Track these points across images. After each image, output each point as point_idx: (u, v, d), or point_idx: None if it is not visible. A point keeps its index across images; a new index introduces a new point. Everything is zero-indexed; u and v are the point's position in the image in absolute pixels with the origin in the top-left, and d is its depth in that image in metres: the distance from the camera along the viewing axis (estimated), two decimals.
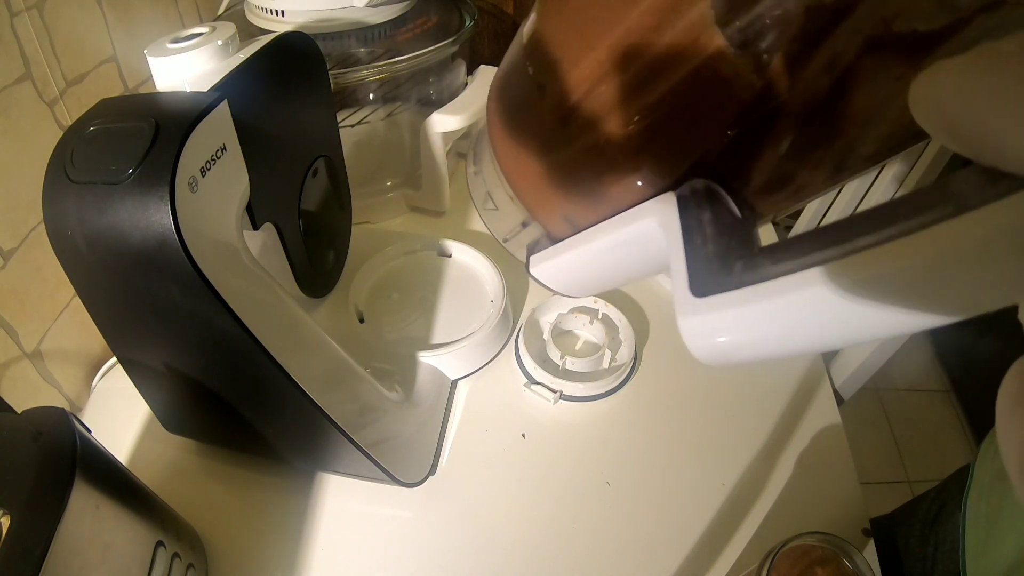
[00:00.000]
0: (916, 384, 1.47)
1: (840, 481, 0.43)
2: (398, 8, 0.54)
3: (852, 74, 0.16)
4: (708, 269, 0.16)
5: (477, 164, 0.25)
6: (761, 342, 0.15)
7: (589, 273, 0.23)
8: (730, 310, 0.15)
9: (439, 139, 0.57)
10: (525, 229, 0.24)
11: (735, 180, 0.18)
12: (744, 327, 0.15)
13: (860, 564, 0.31)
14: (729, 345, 0.15)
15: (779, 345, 0.14)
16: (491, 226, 0.25)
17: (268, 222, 0.39)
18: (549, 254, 0.23)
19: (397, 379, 0.45)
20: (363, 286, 0.52)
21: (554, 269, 0.23)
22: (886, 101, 0.16)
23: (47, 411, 0.28)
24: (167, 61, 0.32)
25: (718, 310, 0.15)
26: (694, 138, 0.18)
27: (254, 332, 0.29)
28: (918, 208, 0.12)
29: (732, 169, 0.18)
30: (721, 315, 0.15)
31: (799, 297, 0.13)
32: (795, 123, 0.17)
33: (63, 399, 0.46)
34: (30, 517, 0.24)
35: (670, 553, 0.39)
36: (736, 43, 0.16)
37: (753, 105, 0.17)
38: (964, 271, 0.11)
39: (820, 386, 0.49)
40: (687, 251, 0.17)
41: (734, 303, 0.15)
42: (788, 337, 0.14)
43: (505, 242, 0.25)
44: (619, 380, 0.47)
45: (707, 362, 0.16)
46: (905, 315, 0.12)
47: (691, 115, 0.18)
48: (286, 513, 0.41)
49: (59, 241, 0.27)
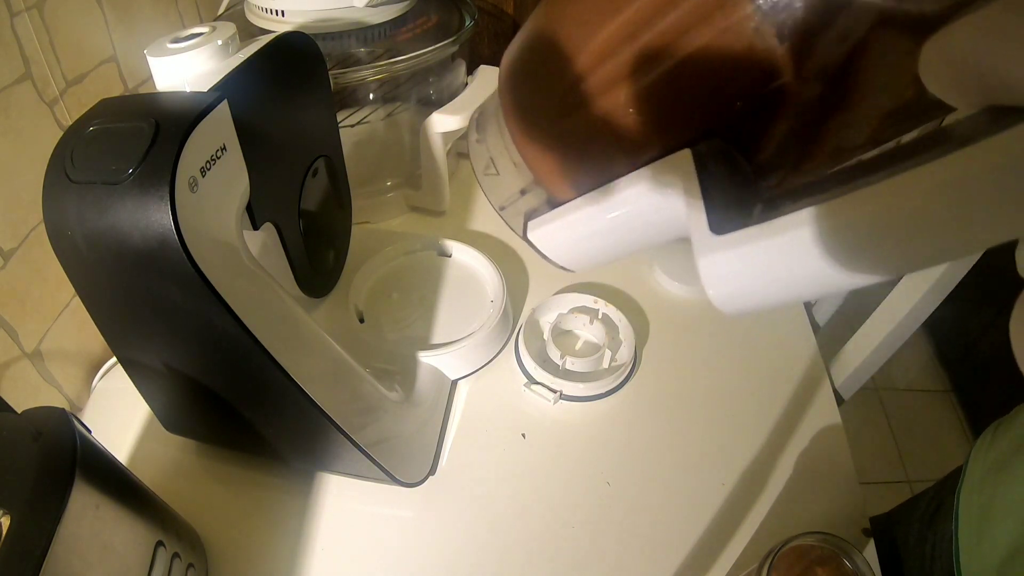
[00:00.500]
0: (916, 384, 1.47)
1: (840, 481, 0.43)
2: (398, 8, 0.54)
3: (862, 47, 0.16)
4: (726, 212, 0.16)
5: (480, 132, 0.24)
6: (777, 278, 0.14)
7: (593, 239, 0.22)
8: (748, 245, 0.14)
9: (439, 139, 0.57)
10: (524, 196, 0.24)
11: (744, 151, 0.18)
12: (764, 261, 0.14)
13: (860, 564, 0.31)
14: (748, 283, 0.15)
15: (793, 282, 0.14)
16: (490, 193, 0.24)
17: (268, 222, 0.39)
18: (551, 217, 0.22)
19: (397, 379, 0.45)
20: (363, 286, 0.52)
21: (556, 234, 0.23)
22: (893, 75, 0.16)
23: (47, 411, 0.28)
24: (167, 61, 0.32)
25: (737, 245, 0.15)
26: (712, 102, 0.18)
27: (254, 332, 0.29)
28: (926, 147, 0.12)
29: (742, 140, 0.18)
30: (740, 251, 0.15)
31: (813, 229, 0.13)
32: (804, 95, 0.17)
33: (63, 399, 0.46)
34: (30, 517, 0.24)
35: (670, 553, 0.39)
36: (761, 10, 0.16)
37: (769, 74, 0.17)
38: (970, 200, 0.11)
39: (820, 386, 0.49)
40: (705, 196, 0.17)
41: (752, 238, 0.14)
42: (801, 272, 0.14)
43: (502, 210, 0.25)
44: (619, 380, 0.47)
45: (723, 305, 0.15)
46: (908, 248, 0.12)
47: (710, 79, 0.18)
48: (286, 513, 0.41)
49: (59, 241, 0.27)
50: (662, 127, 0.19)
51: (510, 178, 0.23)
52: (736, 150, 0.18)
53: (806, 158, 0.19)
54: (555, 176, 0.22)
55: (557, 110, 0.21)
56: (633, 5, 0.18)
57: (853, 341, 0.52)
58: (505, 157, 0.23)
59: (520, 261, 0.59)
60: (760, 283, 0.15)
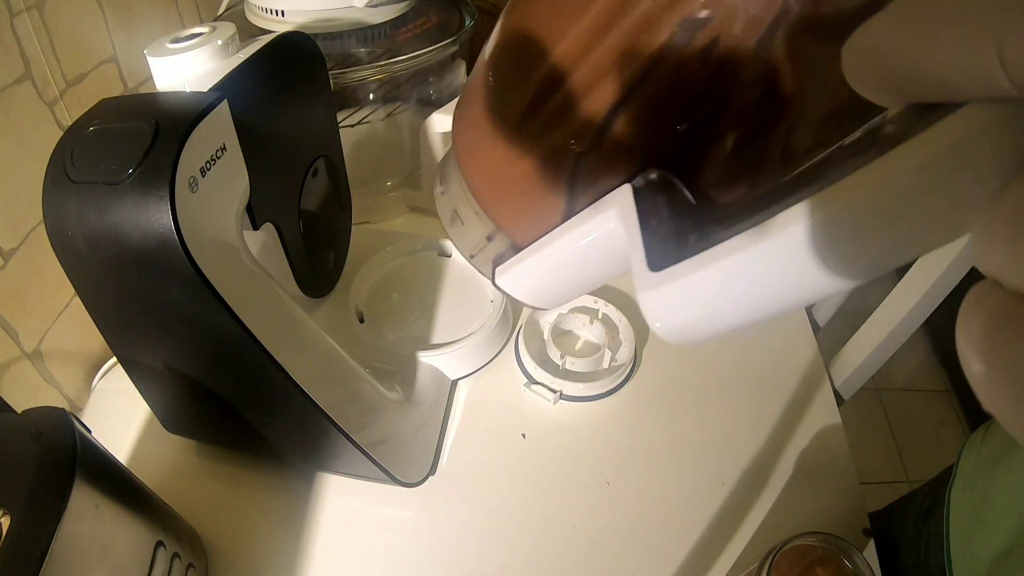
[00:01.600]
0: (916, 384, 1.47)
1: (840, 481, 0.43)
2: (398, 8, 0.54)
3: (789, 57, 0.16)
4: (664, 246, 0.16)
5: (444, 184, 0.26)
6: (717, 306, 0.14)
7: (553, 278, 0.23)
8: (685, 277, 0.15)
9: (439, 139, 0.57)
10: (490, 243, 0.24)
11: (689, 173, 0.19)
12: (700, 292, 0.14)
13: (860, 564, 0.31)
14: (689, 315, 0.15)
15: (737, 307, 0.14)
16: (458, 243, 0.25)
17: (268, 222, 0.39)
18: (513, 262, 0.23)
19: (397, 379, 0.45)
20: (363, 286, 0.52)
21: (519, 276, 0.23)
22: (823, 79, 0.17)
23: (47, 411, 0.28)
24: (167, 61, 0.32)
25: (674, 279, 0.15)
26: (646, 134, 0.18)
27: (254, 332, 0.29)
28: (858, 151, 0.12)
29: (684, 162, 0.18)
30: (677, 284, 0.15)
31: (747, 254, 0.13)
32: (740, 110, 0.17)
33: (63, 399, 0.46)
34: (30, 517, 0.24)
35: (670, 553, 0.39)
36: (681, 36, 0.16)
37: (700, 96, 0.17)
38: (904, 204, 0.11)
39: (820, 386, 0.49)
40: (643, 231, 0.17)
41: (687, 270, 0.15)
42: (744, 296, 0.14)
43: (472, 258, 0.26)
44: (619, 380, 0.47)
45: (671, 338, 0.16)
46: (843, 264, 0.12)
47: (643, 111, 0.18)
48: (286, 513, 0.41)
49: (59, 241, 0.27)
50: (604, 164, 0.19)
51: (474, 227, 0.24)
52: (679, 178, 0.19)
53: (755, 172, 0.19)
54: (511, 221, 0.23)
55: (503, 158, 0.22)
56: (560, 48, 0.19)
57: (853, 341, 0.52)
58: (467, 207, 0.24)
59: None
60: (698, 315, 0.15)
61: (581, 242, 0.20)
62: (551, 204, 0.21)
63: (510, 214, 0.23)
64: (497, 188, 0.23)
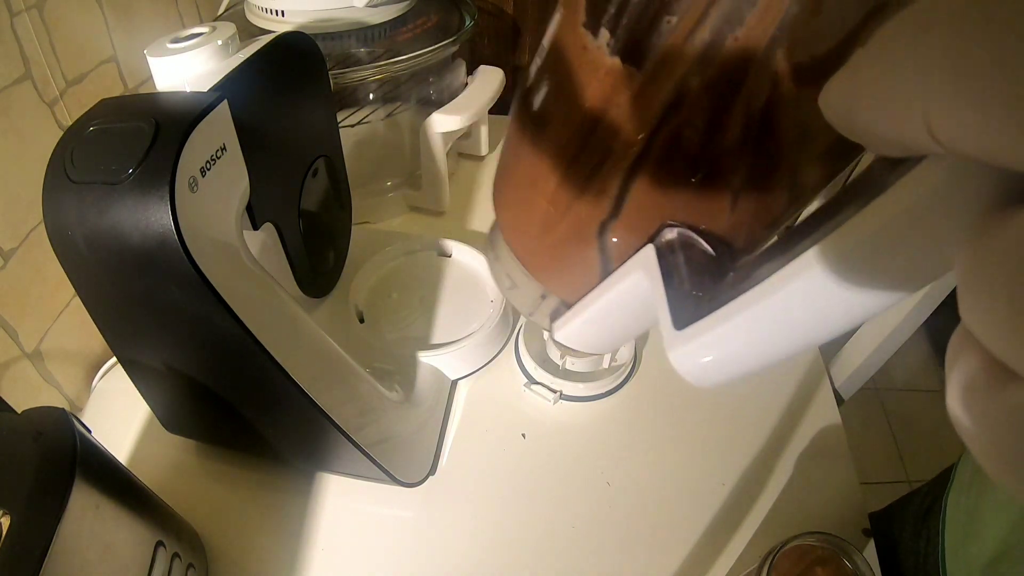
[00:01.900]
0: (916, 384, 1.47)
1: (840, 481, 0.43)
2: (398, 8, 0.54)
3: (773, 106, 0.17)
4: (685, 305, 0.18)
5: (495, 251, 0.28)
6: (737, 356, 0.16)
7: (603, 330, 0.25)
8: (705, 335, 0.16)
9: (439, 139, 0.57)
10: (545, 300, 0.27)
11: (704, 223, 0.20)
12: (719, 346, 0.16)
13: (860, 564, 0.31)
14: (713, 366, 0.17)
15: (754, 354, 0.16)
16: (515, 303, 0.28)
17: (268, 222, 0.39)
18: (566, 319, 0.26)
19: (397, 379, 0.45)
20: (363, 286, 0.52)
21: (573, 331, 0.26)
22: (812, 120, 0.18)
23: (47, 411, 0.28)
24: (167, 61, 0.32)
25: (695, 337, 0.17)
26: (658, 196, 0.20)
27: (254, 332, 0.29)
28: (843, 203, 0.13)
29: (697, 215, 0.20)
30: (699, 341, 0.17)
31: (756, 309, 0.15)
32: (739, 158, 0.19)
33: (63, 399, 0.46)
34: (30, 517, 0.24)
35: (670, 553, 0.39)
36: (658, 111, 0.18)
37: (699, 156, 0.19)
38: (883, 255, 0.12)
39: (820, 386, 0.49)
40: (667, 292, 0.19)
41: (706, 328, 0.16)
42: (759, 345, 0.15)
43: (530, 316, 0.28)
44: (619, 380, 0.47)
45: (702, 386, 0.17)
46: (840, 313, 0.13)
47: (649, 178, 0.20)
48: (286, 513, 0.41)
49: (59, 241, 0.27)
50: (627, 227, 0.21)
51: (528, 289, 0.27)
52: (697, 232, 0.20)
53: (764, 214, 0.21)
54: (556, 284, 0.26)
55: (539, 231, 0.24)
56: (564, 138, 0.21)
57: (853, 341, 0.52)
58: (518, 271, 0.27)
59: None
60: (719, 364, 0.17)
61: (619, 301, 0.23)
62: (588, 267, 0.23)
63: (554, 278, 0.26)
64: (539, 256, 0.26)
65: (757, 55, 0.16)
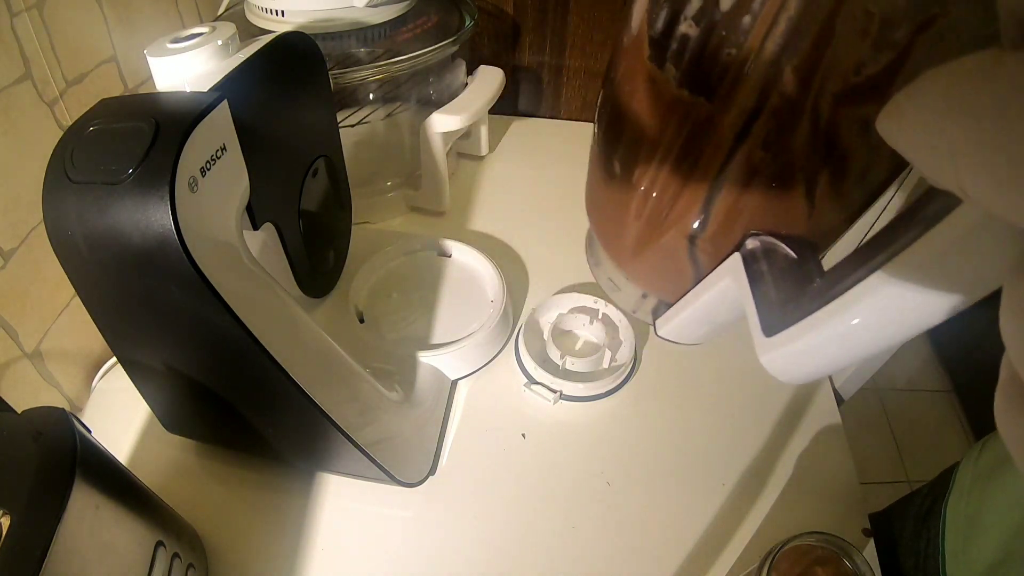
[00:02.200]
0: (916, 384, 1.47)
1: (840, 481, 0.43)
2: (398, 8, 0.54)
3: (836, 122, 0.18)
4: (772, 312, 0.20)
5: (594, 258, 0.31)
6: (824, 359, 0.18)
7: (701, 326, 0.29)
8: (794, 343, 0.18)
9: (439, 139, 0.57)
10: (646, 299, 0.30)
11: (783, 229, 0.22)
12: (807, 351, 0.18)
13: (860, 564, 0.31)
14: (802, 368, 0.19)
15: (838, 356, 0.18)
16: (619, 304, 0.32)
17: (268, 222, 0.39)
18: (667, 317, 0.29)
19: (397, 379, 0.45)
20: (363, 286, 0.52)
21: (674, 329, 0.29)
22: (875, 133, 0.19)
23: (47, 411, 0.27)
24: (167, 61, 0.32)
25: (785, 344, 0.19)
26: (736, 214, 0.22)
27: (254, 332, 0.29)
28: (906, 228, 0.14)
29: (776, 223, 0.22)
30: (789, 348, 0.19)
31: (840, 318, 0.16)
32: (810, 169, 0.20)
33: (63, 399, 0.46)
34: (30, 517, 0.24)
35: (670, 553, 0.39)
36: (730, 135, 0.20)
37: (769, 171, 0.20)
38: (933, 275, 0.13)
39: (820, 386, 0.49)
40: (756, 300, 0.21)
41: (795, 336, 0.18)
42: (843, 348, 0.17)
43: (634, 313, 0.33)
44: (619, 380, 0.47)
45: (790, 381, 0.20)
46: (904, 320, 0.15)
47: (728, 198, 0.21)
48: (286, 513, 0.41)
49: (59, 241, 0.27)
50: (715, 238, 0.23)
51: (629, 290, 0.30)
52: (778, 237, 0.22)
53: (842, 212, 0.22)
54: (654, 287, 0.29)
55: (635, 244, 0.27)
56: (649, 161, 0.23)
57: None
58: (619, 275, 0.30)
59: (520, 261, 0.59)
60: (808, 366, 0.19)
61: (713, 303, 0.25)
62: (682, 274, 0.26)
63: (652, 282, 0.29)
64: (636, 264, 0.29)
65: (816, 77, 0.17)
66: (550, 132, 0.77)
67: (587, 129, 0.78)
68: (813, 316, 0.17)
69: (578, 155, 0.70)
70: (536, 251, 0.59)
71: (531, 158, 0.72)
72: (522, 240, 0.60)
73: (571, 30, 0.72)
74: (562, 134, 0.77)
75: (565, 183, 0.68)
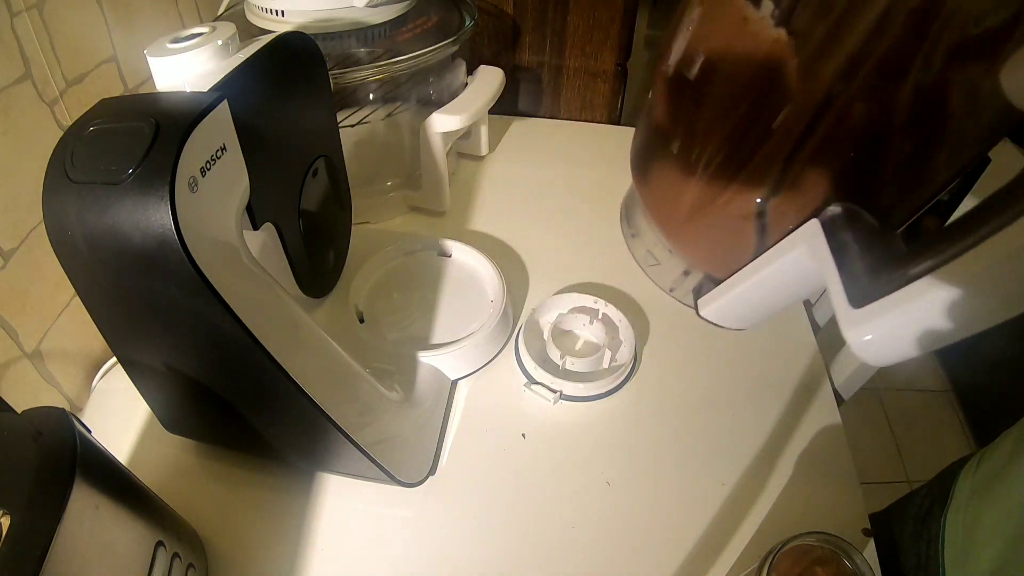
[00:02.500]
0: (916, 384, 1.47)
1: (840, 481, 0.43)
2: (398, 8, 0.54)
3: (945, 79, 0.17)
4: (860, 283, 0.18)
5: (632, 228, 0.30)
6: (915, 336, 0.16)
7: (755, 306, 0.26)
8: (885, 316, 0.17)
9: (439, 139, 0.57)
10: (688, 277, 0.27)
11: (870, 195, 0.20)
12: (898, 328, 0.16)
13: (860, 564, 0.31)
14: (898, 343, 0.17)
15: (928, 337, 0.16)
16: (657, 280, 0.31)
17: (268, 222, 0.39)
18: (715, 295, 0.26)
19: (397, 379, 0.45)
20: (363, 286, 0.52)
21: (722, 307, 0.26)
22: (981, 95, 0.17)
23: (47, 411, 0.27)
24: (167, 61, 0.32)
25: (875, 317, 0.17)
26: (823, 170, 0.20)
27: (254, 332, 0.29)
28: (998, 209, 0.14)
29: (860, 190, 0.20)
30: (879, 321, 0.17)
31: (932, 296, 0.15)
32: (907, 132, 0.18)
33: (63, 399, 0.46)
34: (30, 517, 0.24)
35: (670, 553, 0.39)
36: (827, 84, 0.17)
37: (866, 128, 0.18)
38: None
39: (820, 386, 0.49)
40: (840, 270, 0.19)
41: (886, 309, 0.17)
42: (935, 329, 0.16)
43: (672, 291, 0.29)
44: (619, 380, 0.47)
45: (875, 363, 0.18)
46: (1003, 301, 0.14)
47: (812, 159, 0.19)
48: (286, 513, 0.41)
49: (59, 241, 0.27)
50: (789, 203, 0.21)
51: (670, 265, 0.27)
52: (862, 206, 0.20)
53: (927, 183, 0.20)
54: (705, 260, 0.25)
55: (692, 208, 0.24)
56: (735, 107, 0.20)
57: None
58: (660, 247, 0.27)
59: (520, 261, 0.59)
60: (899, 344, 0.17)
61: (776, 276, 0.23)
62: (742, 244, 0.23)
63: (704, 255, 0.26)
64: (688, 234, 0.25)
65: (934, 24, 0.15)
66: (550, 132, 0.77)
67: (587, 129, 0.79)
68: (905, 290, 0.16)
69: (578, 155, 0.70)
70: (536, 251, 0.60)
71: (531, 158, 0.73)
72: (522, 240, 0.61)
73: (571, 30, 0.72)
74: (562, 134, 0.77)
75: (565, 183, 0.68)
